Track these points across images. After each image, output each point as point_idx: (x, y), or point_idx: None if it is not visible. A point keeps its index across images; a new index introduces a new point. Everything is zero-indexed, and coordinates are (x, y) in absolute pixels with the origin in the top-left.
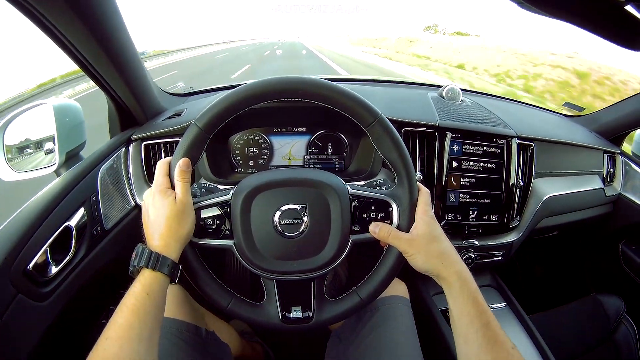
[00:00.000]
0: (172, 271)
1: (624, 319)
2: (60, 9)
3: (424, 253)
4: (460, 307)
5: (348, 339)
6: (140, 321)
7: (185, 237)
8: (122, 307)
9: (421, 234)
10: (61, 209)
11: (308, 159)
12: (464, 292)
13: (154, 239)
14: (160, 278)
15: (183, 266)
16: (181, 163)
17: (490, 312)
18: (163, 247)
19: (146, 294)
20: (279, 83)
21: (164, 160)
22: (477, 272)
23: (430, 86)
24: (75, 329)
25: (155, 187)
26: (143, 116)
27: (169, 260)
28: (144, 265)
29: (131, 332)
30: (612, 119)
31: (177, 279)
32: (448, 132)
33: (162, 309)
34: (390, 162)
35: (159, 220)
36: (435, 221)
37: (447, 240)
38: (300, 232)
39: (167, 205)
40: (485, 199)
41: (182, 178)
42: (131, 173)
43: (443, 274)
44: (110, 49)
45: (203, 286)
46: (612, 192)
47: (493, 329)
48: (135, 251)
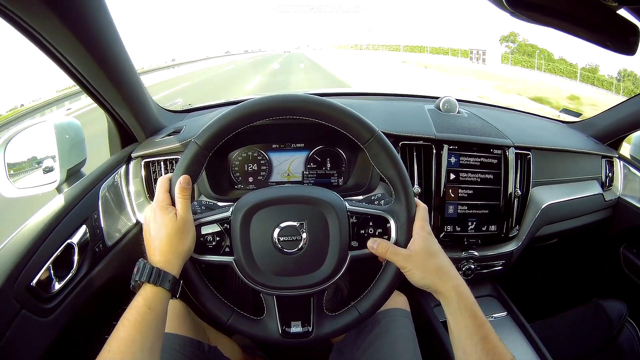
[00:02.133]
0: (173, 286)
1: (627, 323)
2: (56, 27)
3: (422, 269)
4: (459, 321)
5: (350, 351)
6: (142, 335)
7: (185, 253)
8: (124, 321)
9: (418, 250)
10: (63, 226)
11: (307, 175)
12: (461, 306)
13: (155, 254)
14: (161, 293)
15: (184, 282)
16: (181, 180)
17: (489, 324)
18: (164, 263)
19: (148, 308)
20: (277, 101)
21: (165, 177)
22: (477, 282)
23: (427, 98)
24: (78, 344)
25: (156, 203)
26: (142, 134)
27: (170, 276)
28: (146, 280)
29: (133, 346)
30: (609, 123)
31: (179, 295)
32: (445, 145)
33: (164, 324)
34: (388, 178)
35: (159, 236)
36: (432, 237)
37: (444, 256)
38: (299, 248)
39: (168, 221)
40: (483, 209)
41: (183, 195)
42: (132, 190)
43: (440, 289)
44: (108, 67)
45: (204, 301)
46: (612, 197)
47: (491, 341)
48: (137, 266)
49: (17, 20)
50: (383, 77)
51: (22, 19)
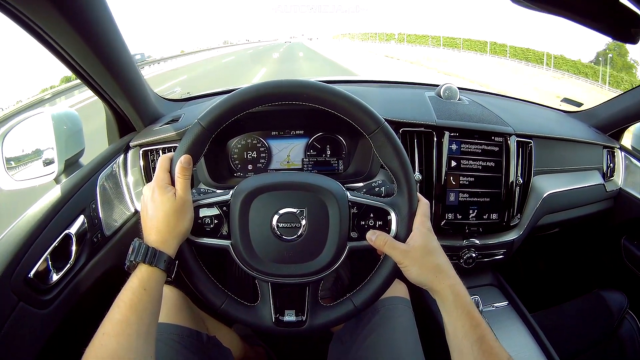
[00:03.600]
0: (168, 267)
1: (627, 315)
2: (53, 17)
3: (419, 265)
4: (455, 321)
5: (350, 340)
6: (137, 317)
7: (182, 233)
8: (119, 303)
9: (417, 246)
10: (61, 216)
11: (306, 162)
12: (457, 306)
13: (151, 234)
14: (157, 273)
15: (179, 263)
16: (182, 159)
17: (486, 324)
18: (160, 243)
19: (143, 289)
20: (283, 86)
21: (166, 155)
22: (478, 272)
23: (428, 85)
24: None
25: (155, 182)
26: (140, 122)
27: (166, 256)
28: (141, 260)
29: (128, 328)
30: (611, 114)
31: (177, 282)
32: (446, 132)
33: (159, 305)
34: (391, 170)
35: (157, 215)
36: (432, 234)
37: (443, 254)
38: (298, 235)
39: (167, 201)
40: (485, 197)
41: (183, 175)
42: (130, 179)
43: (437, 287)
44: (106, 56)
45: (198, 284)
46: (613, 187)
47: (488, 341)
48: (132, 246)
49: (14, 11)
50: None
51: (19, 10)
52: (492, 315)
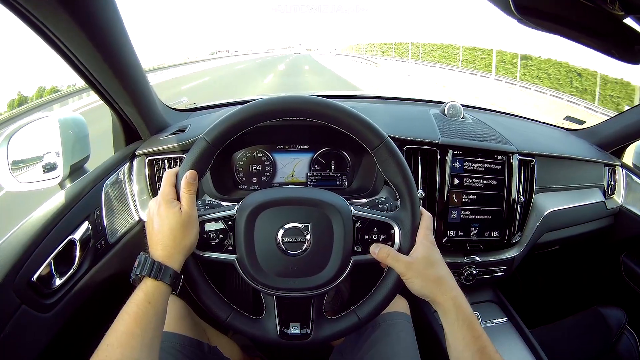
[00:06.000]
0: (174, 281)
1: (626, 331)
2: (66, 24)
3: (422, 277)
4: (456, 333)
5: (350, 354)
6: (142, 329)
7: (188, 248)
8: (124, 315)
9: (420, 258)
10: (66, 221)
11: (311, 177)
12: (459, 317)
13: (157, 248)
14: (162, 287)
15: (184, 277)
16: (188, 175)
17: (486, 336)
18: (166, 257)
19: (148, 302)
20: (287, 102)
21: (172, 170)
22: (478, 288)
23: (432, 102)
24: (78, 341)
25: (161, 196)
26: (147, 131)
27: (171, 270)
28: (147, 274)
29: (133, 340)
30: (613, 132)
31: (179, 292)
32: (450, 150)
33: (164, 318)
34: (395, 185)
35: (162, 230)
36: (435, 247)
37: (445, 267)
38: (303, 250)
39: (172, 215)
40: (486, 215)
41: (189, 190)
42: (135, 188)
43: (439, 299)
44: (116, 64)
45: (203, 298)
46: (613, 205)
47: (488, 353)
48: (138, 260)
49: (27, 16)
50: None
51: (32, 14)
52: (492, 331)
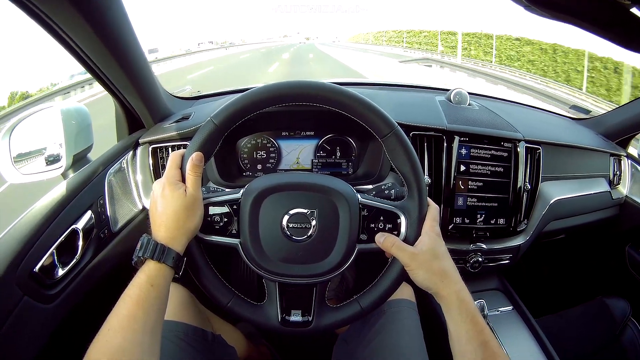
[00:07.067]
0: (176, 263)
1: (630, 322)
2: (69, 13)
3: (425, 269)
4: (459, 326)
5: (354, 342)
6: (144, 312)
7: (192, 231)
8: (125, 298)
9: (425, 250)
10: (68, 211)
11: (316, 163)
12: (462, 311)
13: (160, 230)
14: (164, 270)
15: (187, 260)
16: (194, 157)
17: (489, 330)
18: (169, 239)
19: (150, 285)
20: (298, 87)
21: (177, 152)
22: (484, 276)
23: (438, 90)
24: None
25: (165, 178)
26: (150, 120)
27: (174, 252)
28: (149, 256)
29: (135, 323)
30: (619, 122)
31: (182, 280)
32: (456, 136)
33: (166, 301)
34: (403, 174)
35: (166, 212)
36: (440, 239)
37: (449, 260)
38: (308, 236)
39: (177, 197)
40: (492, 202)
41: (194, 172)
42: (138, 176)
43: (442, 292)
44: (119, 52)
45: (205, 282)
46: (619, 195)
47: (491, 347)
48: (140, 242)
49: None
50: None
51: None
52: (497, 319)
